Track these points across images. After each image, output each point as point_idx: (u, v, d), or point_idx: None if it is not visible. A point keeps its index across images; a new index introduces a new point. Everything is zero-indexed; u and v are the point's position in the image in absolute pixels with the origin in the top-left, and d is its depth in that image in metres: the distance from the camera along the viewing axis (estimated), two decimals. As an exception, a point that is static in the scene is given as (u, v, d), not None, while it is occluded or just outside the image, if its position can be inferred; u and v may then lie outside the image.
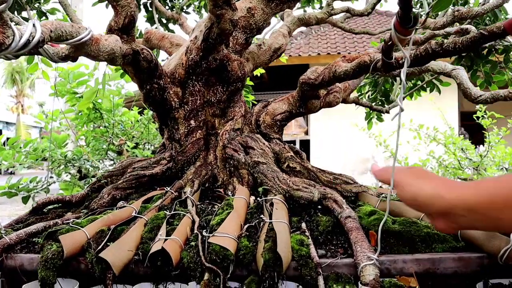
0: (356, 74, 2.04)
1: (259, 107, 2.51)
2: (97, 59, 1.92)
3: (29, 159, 4.61)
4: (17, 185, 3.78)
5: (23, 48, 1.47)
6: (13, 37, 1.39)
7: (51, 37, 1.61)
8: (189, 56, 2.26)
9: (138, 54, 2.09)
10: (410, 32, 1.29)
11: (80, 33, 1.76)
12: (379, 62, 1.87)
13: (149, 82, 2.25)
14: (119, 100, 5.37)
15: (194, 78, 2.33)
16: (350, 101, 2.97)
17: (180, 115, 2.35)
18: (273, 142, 2.36)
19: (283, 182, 1.98)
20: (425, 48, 1.66)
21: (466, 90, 1.90)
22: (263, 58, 2.64)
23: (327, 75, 2.15)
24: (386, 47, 1.58)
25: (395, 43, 1.34)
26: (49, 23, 1.61)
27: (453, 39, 1.59)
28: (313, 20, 2.99)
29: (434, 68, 2.07)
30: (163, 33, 2.96)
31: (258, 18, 2.39)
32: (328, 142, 12.66)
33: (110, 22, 2.06)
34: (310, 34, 14.09)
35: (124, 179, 2.30)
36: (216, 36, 2.11)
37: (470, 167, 6.12)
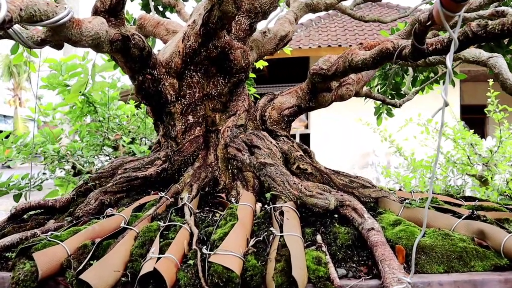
0: (377, 64, 1.78)
1: (265, 100, 2.25)
2: (79, 44, 1.66)
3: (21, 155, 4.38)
4: (8, 182, 3.54)
5: (-14, 29, 1.22)
6: (-28, 15, 1.14)
7: (21, 17, 1.35)
8: (186, 43, 2.00)
9: (128, 40, 1.83)
10: (460, 7, 1.03)
11: (58, 13, 1.50)
12: (405, 49, 1.61)
13: (142, 72, 1.99)
14: (114, 93, 5.12)
15: (192, 68, 2.07)
16: (362, 94, 2.72)
17: (177, 110, 2.09)
18: (281, 140, 2.10)
19: (294, 187, 1.72)
20: (464, 31, 1.41)
21: (506, 81, 1.65)
22: (268, 47, 2.38)
23: (341, 65, 1.90)
24: (421, 29, 1.33)
25: (439, 21, 1.08)
26: (19, 0, 1.35)
27: (500, 20, 1.33)
28: (322, 6, 2.72)
29: (466, 56, 1.82)
30: (158, 19, 2.69)
31: (264, 1, 2.13)
32: (328, 136, 12.41)
33: (96, 3, 1.80)
34: (310, 26, 13.79)
35: (114, 181, 2.05)
36: (217, 20, 1.85)
37: (479, 163, 5.88)
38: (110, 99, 5.01)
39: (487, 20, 1.36)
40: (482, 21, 1.39)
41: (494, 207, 1.99)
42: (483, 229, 1.49)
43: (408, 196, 2.11)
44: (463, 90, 13.44)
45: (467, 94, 14.03)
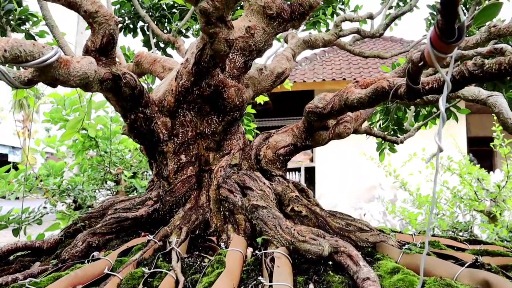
0: (372, 102, 1.73)
1: (260, 139, 2.19)
2: (67, 84, 1.63)
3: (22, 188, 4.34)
4: (7, 216, 3.48)
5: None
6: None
7: (5, 58, 1.32)
8: (179, 82, 1.97)
9: (119, 79, 1.80)
10: (452, 49, 0.98)
11: (44, 53, 1.47)
12: (400, 88, 1.56)
13: (134, 111, 1.96)
14: (117, 127, 5.11)
15: (185, 107, 2.03)
16: (362, 132, 2.66)
17: (169, 149, 2.04)
18: (275, 180, 2.03)
19: (286, 231, 1.64)
20: (460, 70, 1.36)
21: (507, 121, 1.59)
22: (264, 84, 2.35)
23: (337, 103, 1.85)
24: (414, 69, 1.28)
25: (431, 63, 1.03)
26: (4, 41, 1.33)
27: (497, 59, 1.28)
28: (320, 43, 2.70)
29: (465, 95, 1.77)
30: (155, 56, 2.68)
31: (258, 39, 2.11)
32: (334, 169, 12.30)
33: (87, 42, 1.78)
34: (314, 59, 13.91)
35: (103, 222, 1.98)
36: (209, 58, 1.82)
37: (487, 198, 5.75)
38: (112, 133, 5.01)
39: (483, 59, 1.30)
40: (478, 59, 1.34)
41: (501, 252, 1.89)
42: (488, 279, 1.40)
43: (409, 239, 2.01)
44: (470, 122, 13.37)
45: (474, 126, 13.95)
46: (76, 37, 13.75)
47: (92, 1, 1.67)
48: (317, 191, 12.36)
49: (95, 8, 1.67)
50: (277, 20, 2.11)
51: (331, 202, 11.82)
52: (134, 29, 4.32)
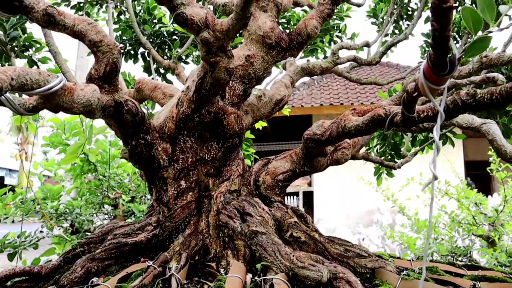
0: (369, 130, 1.77)
1: (259, 165, 2.22)
2: (70, 111, 1.67)
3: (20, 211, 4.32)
4: (3, 240, 3.46)
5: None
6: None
7: (12, 86, 1.36)
8: (180, 109, 2.01)
9: (121, 106, 1.84)
10: (444, 81, 1.03)
11: (49, 81, 1.51)
12: (396, 116, 1.60)
13: (135, 137, 1.99)
14: (116, 151, 5.13)
15: (185, 133, 2.07)
16: (359, 157, 2.69)
17: (169, 175, 2.07)
18: (274, 206, 2.05)
19: (285, 257, 1.65)
20: (453, 99, 1.40)
21: (500, 148, 1.63)
22: (263, 111, 2.39)
23: (335, 131, 1.88)
24: (408, 99, 1.32)
25: (424, 94, 1.07)
26: (11, 70, 1.37)
27: (489, 89, 1.32)
28: (318, 70, 2.76)
29: (459, 122, 1.81)
30: (155, 83, 2.73)
31: (257, 67, 2.16)
32: (332, 193, 12.28)
33: (90, 70, 1.82)
34: (312, 85, 14.06)
35: (103, 248, 1.99)
36: (209, 86, 1.86)
37: (485, 222, 5.75)
38: (111, 157, 5.02)
39: (475, 89, 1.35)
40: (471, 89, 1.38)
41: (499, 278, 1.90)
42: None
43: (407, 265, 2.02)
44: (466, 147, 13.43)
45: (471, 150, 13.99)
46: (77, 62, 13.92)
47: (97, 31, 1.73)
48: (316, 216, 12.32)
49: (100, 38, 1.72)
50: (276, 49, 2.17)
51: (330, 227, 11.77)
52: (135, 55, 4.40)
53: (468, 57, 1.20)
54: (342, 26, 4.06)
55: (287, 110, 4.49)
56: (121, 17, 4.62)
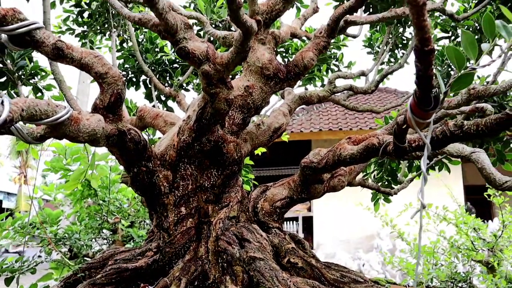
0: (364, 158, 1.83)
1: (257, 192, 2.28)
2: (76, 140, 1.73)
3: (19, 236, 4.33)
4: (1, 265, 3.48)
5: (-14, 129, 1.29)
6: (-27, 118, 1.22)
7: (22, 117, 1.43)
8: (181, 137, 2.08)
9: (124, 134, 1.91)
10: (429, 115, 1.10)
11: (57, 112, 1.58)
12: (389, 145, 1.67)
13: (137, 164, 2.05)
14: (116, 176, 5.18)
15: (186, 161, 2.13)
16: (356, 184, 2.75)
17: (170, 201, 2.12)
18: (272, 232, 2.10)
19: (282, 283, 1.70)
20: (442, 130, 1.47)
21: (489, 176, 1.69)
22: (262, 139, 2.46)
23: (331, 159, 1.95)
24: (399, 131, 1.39)
25: (412, 127, 1.15)
26: (21, 101, 1.44)
27: (475, 121, 1.40)
28: (315, 99, 2.85)
29: (450, 151, 1.88)
30: (157, 111, 2.81)
31: (256, 97, 2.24)
32: (331, 218, 12.25)
33: (96, 101, 1.90)
34: (311, 110, 14.20)
35: (103, 273, 2.03)
36: (210, 116, 1.94)
37: (484, 248, 5.76)
38: (111, 182, 5.05)
39: (463, 121, 1.42)
40: (459, 121, 1.46)
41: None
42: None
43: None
44: (466, 171, 13.45)
45: (470, 175, 13.99)
46: (78, 86, 14.09)
47: (103, 64, 1.81)
48: (315, 241, 12.26)
49: (105, 70, 1.80)
50: (274, 80, 2.26)
51: (330, 252, 11.69)
52: (137, 82, 4.51)
53: (454, 91, 1.28)
54: (339, 55, 4.18)
55: (285, 136, 4.57)
56: (124, 45, 4.74)
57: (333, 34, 2.32)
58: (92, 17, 4.40)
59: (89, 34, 4.64)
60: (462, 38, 1.27)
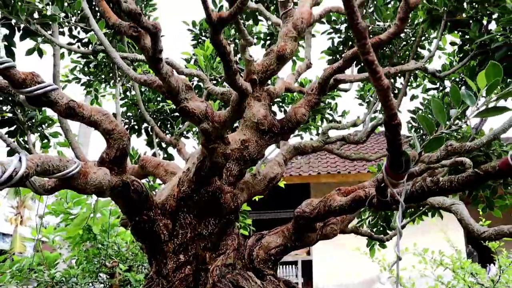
0: (352, 209, 1.97)
1: (253, 240, 2.39)
2: (83, 192, 1.87)
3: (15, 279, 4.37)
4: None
5: (5, 183, 1.42)
6: (-5, 172, 1.35)
7: (36, 172, 1.57)
8: (181, 188, 2.22)
9: (128, 186, 2.04)
10: (402, 177, 1.24)
11: (68, 167, 1.73)
12: (374, 198, 1.81)
13: (139, 214, 2.17)
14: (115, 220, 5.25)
15: (185, 210, 2.26)
16: (348, 232, 2.86)
17: (169, 249, 2.23)
18: (267, 279, 2.20)
19: (275, 329, 1.79)
20: (421, 185, 1.61)
21: (468, 226, 1.82)
22: (258, 188, 2.60)
23: (322, 209, 2.08)
24: (379, 187, 1.53)
25: (388, 186, 1.29)
26: (36, 157, 1.58)
27: (449, 178, 1.54)
28: (309, 149, 3.01)
29: (432, 202, 2.01)
30: (158, 160, 2.96)
31: (252, 150, 2.39)
32: (331, 262, 12.16)
33: (102, 154, 2.04)
34: (310, 153, 14.35)
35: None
36: (208, 169, 2.08)
37: (483, 293, 5.76)
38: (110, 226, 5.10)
39: (438, 178, 1.56)
40: (435, 178, 1.60)
41: None
42: None
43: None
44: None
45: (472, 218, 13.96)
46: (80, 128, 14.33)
47: (110, 121, 1.97)
48: (315, 285, 12.11)
49: (112, 127, 1.96)
50: (268, 134, 2.42)
51: (330, 296, 11.55)
52: (138, 130, 4.69)
53: (426, 152, 1.43)
54: (333, 104, 4.38)
55: (282, 183, 4.70)
56: (127, 93, 4.94)
57: (323, 91, 2.50)
58: (98, 67, 4.61)
59: (94, 83, 4.85)
60: (432, 105, 1.43)
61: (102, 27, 2.61)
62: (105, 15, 1.83)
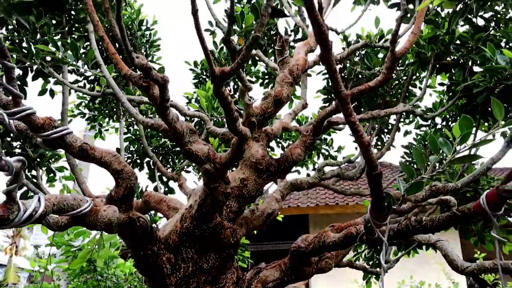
0: (344, 245, 2.10)
1: (251, 273, 2.51)
2: (93, 228, 2.00)
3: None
4: None
5: (26, 221, 1.56)
6: (17, 212, 1.50)
7: (53, 210, 1.71)
8: (183, 224, 2.35)
9: (134, 222, 2.18)
10: (385, 218, 1.39)
11: (81, 205, 1.87)
12: (364, 235, 1.94)
13: (143, 248, 2.30)
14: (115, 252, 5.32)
15: (187, 245, 2.39)
16: (343, 265, 2.98)
17: (172, 282, 2.34)
18: (264, 312, 2.31)
19: None
20: (406, 224, 1.75)
21: (452, 262, 1.95)
22: (256, 223, 2.73)
23: (317, 244, 2.21)
24: (367, 226, 1.67)
25: (373, 227, 1.43)
26: (53, 197, 1.73)
27: (431, 217, 1.69)
28: (305, 185, 3.15)
29: (419, 238, 2.14)
30: (161, 196, 3.10)
31: (250, 188, 2.54)
32: (329, 295, 12.07)
33: (111, 192, 2.19)
34: (308, 184, 14.43)
35: None
36: (209, 207, 2.22)
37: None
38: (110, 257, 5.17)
39: (422, 217, 1.71)
40: (418, 217, 1.75)
41: None
42: None
43: None
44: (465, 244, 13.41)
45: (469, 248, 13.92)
46: (80, 160, 14.43)
47: (119, 162, 2.12)
48: (313, 319, 12.00)
49: (121, 167, 2.11)
50: (266, 173, 2.58)
51: (329, 330, 11.42)
52: (141, 164, 4.85)
53: (409, 195, 1.58)
54: (329, 140, 4.55)
55: (280, 216, 4.82)
56: (130, 128, 5.11)
57: (318, 133, 2.67)
58: (103, 103, 4.80)
59: (98, 118, 5.03)
60: (413, 152, 1.60)
61: (110, 71, 2.80)
62: (117, 66, 2.01)
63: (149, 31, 4.46)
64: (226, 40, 1.96)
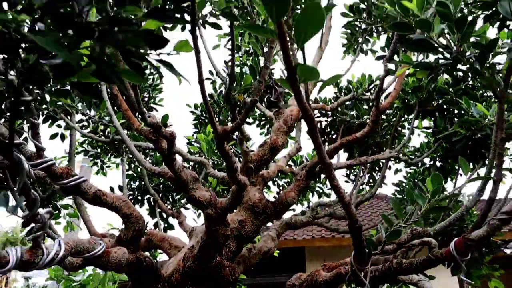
0: (335, 284, 2.29)
1: (248, 310, 2.68)
2: (104, 268, 2.19)
3: None
4: None
5: (48, 264, 1.76)
6: (41, 256, 1.69)
7: (71, 253, 1.90)
8: (185, 263, 2.54)
9: (141, 262, 2.37)
10: (366, 263, 1.59)
11: (95, 248, 2.06)
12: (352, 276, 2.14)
13: (148, 285, 2.48)
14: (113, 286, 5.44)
15: (189, 283, 2.56)
16: (335, 301, 3.14)
17: (174, 319, 2.51)
18: None
19: None
20: (388, 266, 1.96)
21: (432, 301, 2.13)
22: (253, 261, 2.91)
23: (309, 283, 2.40)
24: (352, 269, 1.87)
25: (357, 272, 1.63)
26: (71, 241, 1.93)
27: (410, 260, 1.89)
28: (299, 224, 3.35)
29: (403, 278, 2.34)
30: (163, 235, 3.28)
31: (248, 229, 2.74)
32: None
33: (120, 234, 2.39)
34: (304, 216, 14.56)
35: None
36: (210, 247, 2.42)
37: None
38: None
39: (402, 260, 1.91)
40: (399, 259, 1.95)
41: None
42: None
43: None
44: (458, 281, 13.44)
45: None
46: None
47: (128, 207, 2.33)
48: None
49: (130, 212, 2.32)
50: (263, 215, 2.78)
51: None
52: (141, 200, 5.03)
53: (390, 241, 1.79)
54: (323, 179, 4.77)
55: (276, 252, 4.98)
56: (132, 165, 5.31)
57: (310, 177, 2.90)
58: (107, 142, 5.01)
59: (101, 155, 5.24)
60: (392, 203, 1.82)
61: (119, 118, 3.02)
62: (129, 121, 2.25)
63: (152, 75, 4.73)
64: (227, 97, 2.20)
